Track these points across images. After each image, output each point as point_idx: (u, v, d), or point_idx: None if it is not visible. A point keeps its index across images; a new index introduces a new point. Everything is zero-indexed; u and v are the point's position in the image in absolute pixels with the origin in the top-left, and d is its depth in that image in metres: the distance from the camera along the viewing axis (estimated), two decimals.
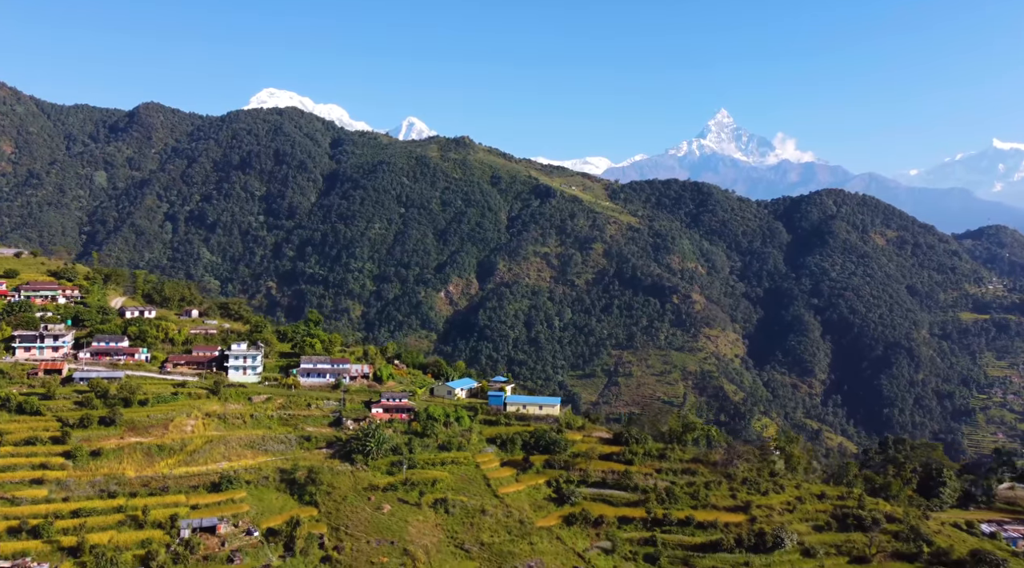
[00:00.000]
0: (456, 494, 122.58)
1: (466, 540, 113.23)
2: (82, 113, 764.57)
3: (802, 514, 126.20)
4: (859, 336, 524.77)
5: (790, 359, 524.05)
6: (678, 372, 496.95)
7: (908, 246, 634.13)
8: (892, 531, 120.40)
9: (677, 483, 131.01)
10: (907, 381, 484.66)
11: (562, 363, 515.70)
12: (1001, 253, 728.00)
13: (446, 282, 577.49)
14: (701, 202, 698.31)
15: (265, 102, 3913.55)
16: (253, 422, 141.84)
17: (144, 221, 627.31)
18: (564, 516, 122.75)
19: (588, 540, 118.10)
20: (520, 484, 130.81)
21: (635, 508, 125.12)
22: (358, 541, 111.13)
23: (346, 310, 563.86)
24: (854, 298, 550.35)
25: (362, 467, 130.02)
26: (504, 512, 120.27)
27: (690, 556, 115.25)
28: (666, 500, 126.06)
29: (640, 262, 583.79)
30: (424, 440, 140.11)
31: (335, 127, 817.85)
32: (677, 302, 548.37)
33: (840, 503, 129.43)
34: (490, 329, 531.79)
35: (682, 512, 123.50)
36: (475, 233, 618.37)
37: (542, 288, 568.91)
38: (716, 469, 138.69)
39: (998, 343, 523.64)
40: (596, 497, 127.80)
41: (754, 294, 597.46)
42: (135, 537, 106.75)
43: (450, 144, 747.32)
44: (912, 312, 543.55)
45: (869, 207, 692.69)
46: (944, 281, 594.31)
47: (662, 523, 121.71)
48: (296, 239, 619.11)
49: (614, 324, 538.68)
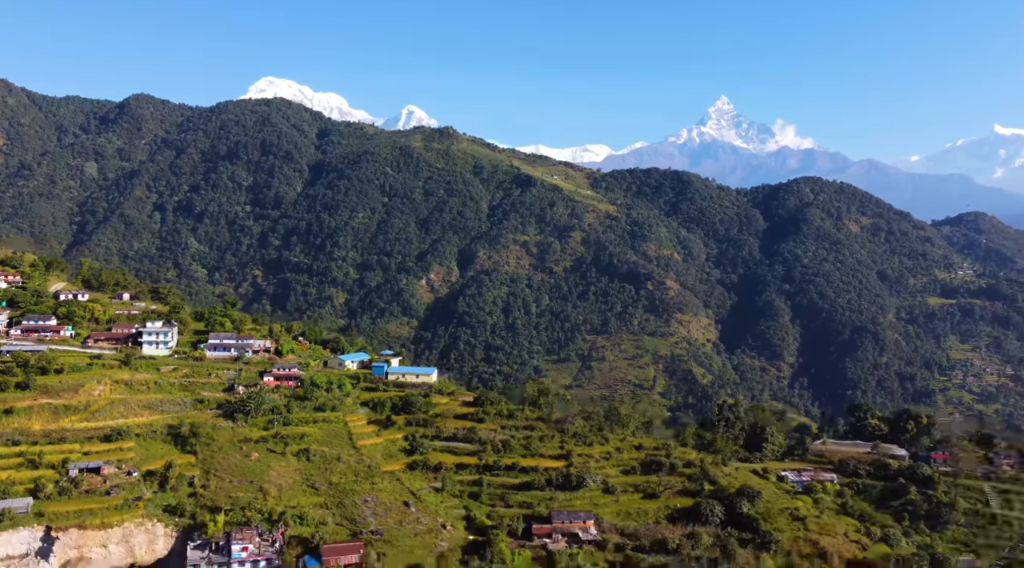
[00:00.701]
0: (319, 446, 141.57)
1: (317, 481, 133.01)
2: (73, 105, 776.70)
3: (616, 461, 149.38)
4: (827, 320, 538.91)
5: (760, 343, 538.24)
6: (649, 356, 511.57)
7: (882, 233, 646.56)
8: (687, 474, 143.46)
9: (515, 437, 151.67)
10: (871, 364, 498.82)
11: (538, 348, 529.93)
12: (978, 239, 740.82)
13: (427, 270, 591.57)
14: (681, 191, 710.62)
15: (264, 91, 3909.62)
16: (156, 388, 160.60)
17: (133, 211, 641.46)
18: (408, 463, 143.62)
19: (425, 481, 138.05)
20: (379, 438, 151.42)
21: (473, 457, 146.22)
22: (223, 480, 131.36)
23: (329, 298, 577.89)
24: (824, 284, 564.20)
25: (242, 424, 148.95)
26: (357, 460, 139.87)
27: (506, 493, 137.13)
28: (501, 450, 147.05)
29: (617, 249, 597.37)
30: (303, 402, 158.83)
31: (323, 118, 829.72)
32: (651, 288, 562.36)
33: (652, 453, 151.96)
34: (469, 316, 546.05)
35: (511, 459, 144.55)
36: (456, 222, 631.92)
37: (521, 276, 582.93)
38: (554, 426, 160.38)
39: (963, 327, 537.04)
40: (444, 449, 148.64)
41: (729, 280, 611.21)
42: (29, 475, 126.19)
43: (434, 134, 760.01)
44: (880, 297, 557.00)
45: (846, 195, 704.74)
46: (915, 267, 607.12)
47: (492, 468, 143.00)
48: (282, 228, 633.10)
49: (589, 310, 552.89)
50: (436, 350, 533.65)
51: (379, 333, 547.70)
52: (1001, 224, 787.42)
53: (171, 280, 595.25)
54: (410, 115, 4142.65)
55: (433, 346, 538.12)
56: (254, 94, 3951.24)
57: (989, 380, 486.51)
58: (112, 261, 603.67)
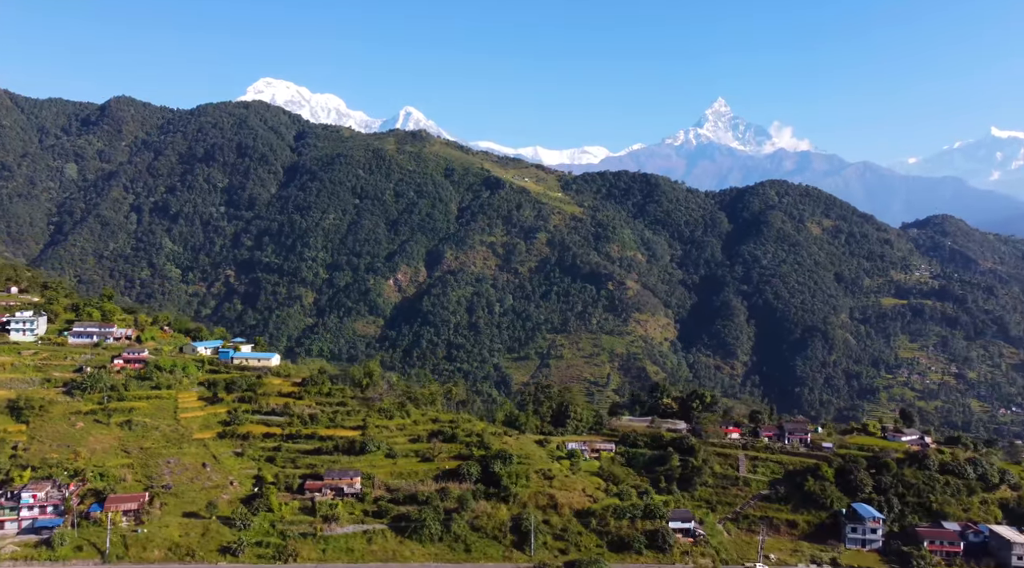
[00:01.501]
0: (144, 418, 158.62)
1: (131, 446, 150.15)
2: (55, 107, 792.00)
3: (409, 432, 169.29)
4: (781, 320, 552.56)
5: (715, 342, 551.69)
6: (606, 354, 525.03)
7: (843, 235, 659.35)
8: (467, 442, 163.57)
9: (325, 411, 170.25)
10: (819, 362, 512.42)
11: (499, 347, 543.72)
12: (944, 241, 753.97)
13: (395, 270, 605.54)
14: (649, 193, 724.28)
15: (262, 92, 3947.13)
16: (12, 369, 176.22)
17: (109, 212, 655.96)
18: (220, 432, 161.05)
19: (231, 448, 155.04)
20: (203, 412, 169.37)
21: (282, 428, 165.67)
22: (43, 445, 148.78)
23: (299, 297, 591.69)
24: (780, 284, 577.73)
25: (79, 399, 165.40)
26: (173, 429, 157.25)
27: (298, 457, 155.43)
28: (308, 422, 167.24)
29: (580, 251, 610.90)
30: (143, 382, 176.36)
31: (301, 120, 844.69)
32: (612, 289, 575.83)
33: (443, 425, 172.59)
34: (433, 315, 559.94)
35: (313, 430, 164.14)
36: (425, 223, 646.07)
37: (486, 276, 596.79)
38: (365, 402, 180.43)
39: (913, 327, 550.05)
40: (260, 421, 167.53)
41: (691, 281, 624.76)
42: None
43: (407, 137, 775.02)
44: (834, 298, 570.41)
45: (811, 197, 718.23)
46: (872, 268, 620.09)
47: (294, 437, 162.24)
48: (254, 229, 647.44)
49: (551, 310, 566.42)
50: (400, 348, 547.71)
51: (345, 332, 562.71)
52: (967, 227, 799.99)
53: (145, 279, 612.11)
54: (408, 117, 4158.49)
55: (397, 344, 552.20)
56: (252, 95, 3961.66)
57: (933, 378, 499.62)
58: (88, 261, 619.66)
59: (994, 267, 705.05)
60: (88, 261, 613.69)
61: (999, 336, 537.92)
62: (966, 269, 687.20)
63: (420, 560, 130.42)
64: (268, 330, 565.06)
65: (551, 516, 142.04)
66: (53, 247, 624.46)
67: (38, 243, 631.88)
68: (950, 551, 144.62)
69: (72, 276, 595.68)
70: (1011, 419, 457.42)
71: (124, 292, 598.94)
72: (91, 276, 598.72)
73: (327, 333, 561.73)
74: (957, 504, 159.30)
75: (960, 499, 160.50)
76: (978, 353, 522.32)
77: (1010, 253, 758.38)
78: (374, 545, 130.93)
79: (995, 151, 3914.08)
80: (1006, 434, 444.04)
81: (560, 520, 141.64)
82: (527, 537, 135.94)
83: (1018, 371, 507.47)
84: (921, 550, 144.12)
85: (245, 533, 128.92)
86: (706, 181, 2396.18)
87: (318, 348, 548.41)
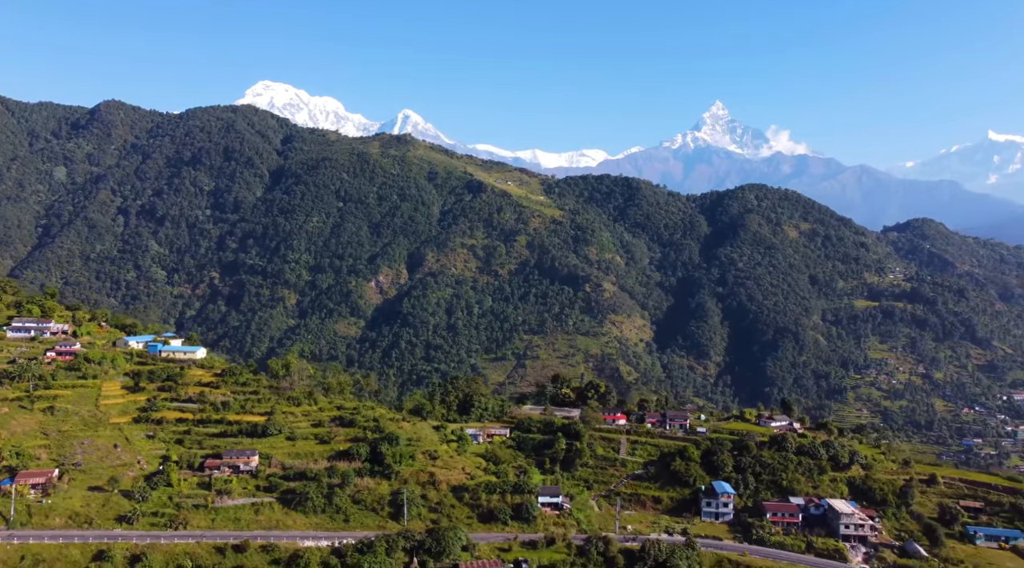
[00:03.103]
0: (66, 404, 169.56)
1: (50, 429, 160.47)
2: (46, 110, 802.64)
3: (313, 417, 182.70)
4: (753, 322, 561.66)
5: (689, 343, 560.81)
6: (581, 355, 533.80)
7: (819, 238, 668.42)
8: (366, 426, 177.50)
9: (238, 399, 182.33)
10: (790, 363, 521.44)
11: (476, 347, 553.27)
12: (922, 245, 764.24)
13: (377, 272, 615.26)
14: (630, 197, 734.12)
15: (260, 95, 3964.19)
16: None
17: (97, 215, 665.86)
18: (135, 417, 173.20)
19: (144, 431, 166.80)
20: (123, 399, 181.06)
21: (194, 414, 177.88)
22: None
23: (281, 299, 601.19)
24: (754, 286, 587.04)
25: (7, 387, 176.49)
26: (92, 414, 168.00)
27: (205, 439, 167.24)
28: (220, 409, 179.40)
29: (559, 253, 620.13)
30: (72, 372, 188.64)
31: (289, 124, 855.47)
32: (589, 290, 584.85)
33: (346, 412, 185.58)
34: (412, 316, 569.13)
35: (223, 415, 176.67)
36: (407, 226, 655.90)
37: (466, 278, 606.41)
38: (277, 391, 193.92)
39: (883, 328, 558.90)
40: (176, 407, 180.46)
41: (668, 283, 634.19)
42: None
43: (392, 141, 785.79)
44: (806, 300, 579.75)
45: (790, 201, 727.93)
46: (847, 271, 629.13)
47: (205, 422, 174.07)
48: (239, 232, 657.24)
49: (529, 311, 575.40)
50: (380, 349, 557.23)
51: (327, 333, 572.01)
52: (947, 230, 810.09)
53: (130, 282, 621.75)
54: (406, 119, 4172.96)
55: (377, 345, 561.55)
56: (251, 98, 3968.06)
57: (901, 378, 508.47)
58: (74, 263, 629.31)
59: (971, 270, 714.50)
60: (74, 263, 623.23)
61: (967, 337, 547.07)
62: (943, 272, 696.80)
63: (301, 528, 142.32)
64: (251, 331, 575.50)
65: (429, 491, 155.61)
66: (40, 249, 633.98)
67: (26, 245, 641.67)
68: (790, 521, 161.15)
69: (58, 278, 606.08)
70: (973, 418, 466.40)
71: (110, 294, 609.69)
72: (77, 278, 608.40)
73: (308, 334, 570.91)
74: (807, 481, 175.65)
75: (812, 477, 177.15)
76: (946, 354, 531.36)
77: (988, 256, 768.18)
78: (261, 516, 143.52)
79: (992, 155, 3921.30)
80: (967, 433, 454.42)
81: (437, 495, 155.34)
82: (404, 509, 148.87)
83: (983, 372, 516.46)
84: (763, 521, 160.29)
85: (143, 505, 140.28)
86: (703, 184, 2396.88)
87: (299, 349, 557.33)
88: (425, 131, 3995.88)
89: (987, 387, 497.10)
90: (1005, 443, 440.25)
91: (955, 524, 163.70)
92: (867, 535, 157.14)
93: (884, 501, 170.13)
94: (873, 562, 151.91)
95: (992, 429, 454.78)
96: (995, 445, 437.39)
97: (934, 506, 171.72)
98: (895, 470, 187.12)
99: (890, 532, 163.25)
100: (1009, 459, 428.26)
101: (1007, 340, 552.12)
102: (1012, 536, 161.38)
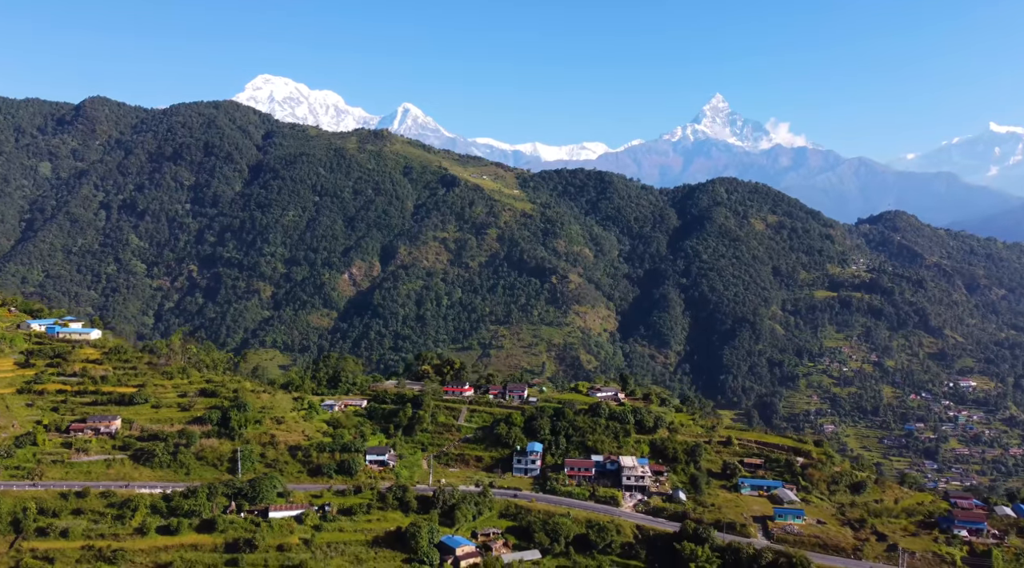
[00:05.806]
0: None
1: None
2: (32, 106, 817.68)
3: (183, 389, 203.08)
4: (713, 312, 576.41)
5: (651, 333, 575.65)
6: (544, 344, 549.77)
7: (785, 230, 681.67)
8: (226, 397, 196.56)
9: (116, 374, 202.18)
10: (746, 351, 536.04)
11: (443, 337, 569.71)
12: (893, 237, 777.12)
13: (350, 265, 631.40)
14: (602, 190, 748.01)
15: (260, 89, 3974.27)
16: None
17: (79, 209, 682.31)
18: (19, 388, 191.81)
19: (25, 401, 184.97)
20: (12, 374, 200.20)
21: (74, 386, 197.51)
22: None
23: (256, 291, 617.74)
24: (716, 278, 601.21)
25: None
26: None
27: (78, 407, 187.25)
28: (98, 382, 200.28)
29: (528, 246, 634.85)
30: None
31: (271, 120, 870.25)
32: (555, 282, 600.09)
33: (214, 385, 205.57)
34: (383, 307, 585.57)
35: (98, 387, 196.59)
36: (381, 220, 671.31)
37: (437, 270, 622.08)
38: (155, 367, 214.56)
39: (840, 318, 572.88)
40: (62, 381, 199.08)
41: (635, 275, 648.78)
42: None
43: (369, 136, 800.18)
44: (766, 290, 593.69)
45: (760, 194, 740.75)
46: (810, 262, 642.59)
47: (82, 393, 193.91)
48: (217, 226, 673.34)
49: (496, 302, 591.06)
50: (351, 339, 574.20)
51: (300, 324, 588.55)
52: (918, 222, 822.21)
53: (111, 274, 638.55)
54: (406, 113, 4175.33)
55: (348, 336, 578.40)
56: (250, 92, 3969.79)
57: (853, 366, 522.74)
58: (56, 256, 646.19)
59: (939, 261, 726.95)
60: (56, 257, 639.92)
61: (920, 327, 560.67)
62: (912, 263, 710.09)
63: (146, 480, 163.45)
64: (226, 322, 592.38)
65: (268, 450, 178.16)
66: (23, 243, 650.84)
67: (9, 239, 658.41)
68: (584, 475, 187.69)
69: (40, 271, 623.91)
70: (918, 404, 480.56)
71: (90, 287, 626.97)
72: (59, 271, 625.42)
73: (282, 325, 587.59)
74: (612, 442, 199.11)
75: (618, 439, 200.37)
76: (899, 343, 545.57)
77: (957, 248, 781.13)
78: (111, 469, 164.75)
79: (993, 146, 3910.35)
80: (910, 418, 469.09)
81: (275, 453, 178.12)
82: (238, 464, 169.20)
83: (934, 359, 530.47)
84: (560, 475, 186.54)
85: (7, 460, 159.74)
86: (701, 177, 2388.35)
87: (272, 339, 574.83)
88: (425, 125, 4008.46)
89: (935, 374, 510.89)
90: (945, 427, 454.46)
91: (734, 477, 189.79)
92: (647, 485, 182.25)
93: (675, 458, 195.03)
94: (639, 505, 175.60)
95: (935, 414, 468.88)
96: (934, 429, 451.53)
97: (722, 462, 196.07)
98: (700, 434, 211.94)
99: (676, 484, 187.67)
100: (947, 442, 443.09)
101: (959, 329, 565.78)
102: (772, 486, 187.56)
